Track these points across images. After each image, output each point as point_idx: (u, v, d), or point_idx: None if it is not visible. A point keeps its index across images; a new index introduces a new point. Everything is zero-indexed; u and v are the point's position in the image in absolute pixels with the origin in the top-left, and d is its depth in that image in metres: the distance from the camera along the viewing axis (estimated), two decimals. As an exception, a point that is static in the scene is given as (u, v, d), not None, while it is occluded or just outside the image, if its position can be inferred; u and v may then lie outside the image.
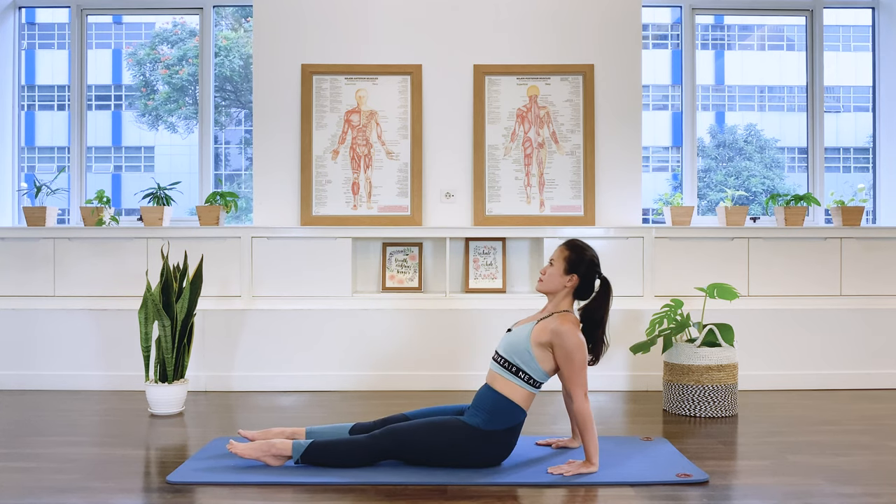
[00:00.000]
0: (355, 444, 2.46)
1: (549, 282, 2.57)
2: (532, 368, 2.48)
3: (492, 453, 2.47)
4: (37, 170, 4.97)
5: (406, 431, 2.45)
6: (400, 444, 2.45)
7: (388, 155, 4.23)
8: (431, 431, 2.45)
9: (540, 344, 2.48)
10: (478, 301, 4.02)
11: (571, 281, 2.55)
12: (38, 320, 3.97)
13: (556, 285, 2.57)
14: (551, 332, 2.47)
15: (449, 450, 2.44)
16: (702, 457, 2.67)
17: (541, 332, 2.49)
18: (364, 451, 2.45)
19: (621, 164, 4.26)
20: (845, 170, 5.25)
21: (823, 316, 4.02)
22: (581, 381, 2.45)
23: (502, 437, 2.46)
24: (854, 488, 2.32)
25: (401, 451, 2.46)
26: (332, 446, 2.47)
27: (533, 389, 2.50)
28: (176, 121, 5.12)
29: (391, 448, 2.45)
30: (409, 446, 2.45)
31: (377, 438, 2.46)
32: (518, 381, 2.48)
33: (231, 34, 5.03)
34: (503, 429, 2.46)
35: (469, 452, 2.44)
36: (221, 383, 3.93)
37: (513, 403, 2.47)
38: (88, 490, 2.30)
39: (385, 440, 2.45)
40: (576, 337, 2.46)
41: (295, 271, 4.00)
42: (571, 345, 2.45)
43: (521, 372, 2.48)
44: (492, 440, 2.45)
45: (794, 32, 5.38)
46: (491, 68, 4.24)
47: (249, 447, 2.50)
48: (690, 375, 3.37)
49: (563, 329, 2.46)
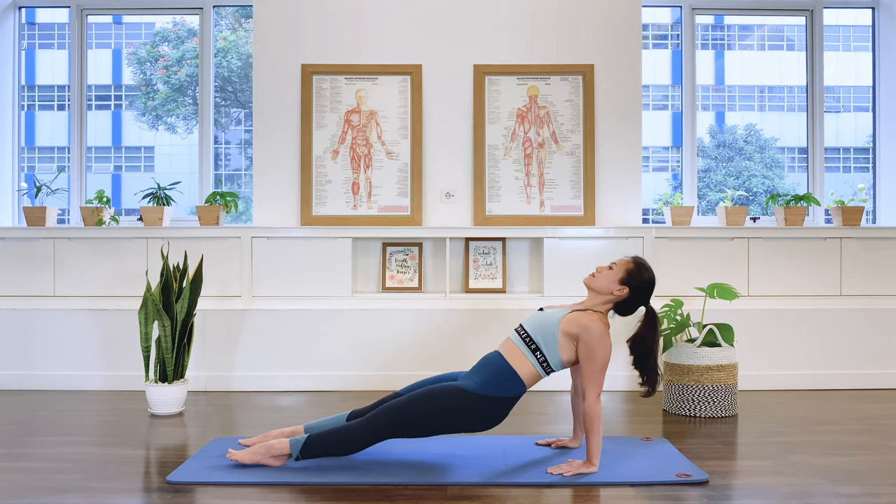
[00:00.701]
0: (352, 429, 2.46)
1: (601, 280, 2.57)
2: (551, 352, 2.48)
3: (483, 418, 2.46)
4: (37, 170, 4.97)
5: (400, 407, 2.45)
6: (396, 420, 2.43)
7: (388, 155, 4.23)
8: (426, 401, 2.44)
9: (567, 334, 2.48)
10: (478, 301, 4.02)
11: (621, 291, 2.55)
12: (38, 320, 3.97)
13: (605, 287, 2.56)
14: (582, 326, 2.46)
15: (444, 416, 2.43)
16: (702, 457, 2.67)
17: (571, 322, 2.49)
18: (362, 435, 2.44)
19: (621, 164, 4.26)
20: (845, 170, 5.25)
21: (823, 316, 4.02)
22: (598, 382, 2.44)
23: (495, 404, 2.46)
24: (854, 488, 2.32)
25: (398, 427, 2.44)
26: (330, 436, 2.46)
27: (542, 372, 2.51)
28: (176, 121, 5.12)
29: (388, 426, 2.44)
30: (405, 420, 2.43)
31: (373, 420, 2.45)
32: (532, 360, 2.49)
33: (230, 35, 5.03)
34: (499, 396, 2.45)
35: (463, 416, 2.44)
36: (221, 383, 3.93)
37: (517, 376, 2.47)
38: (88, 490, 2.30)
39: (381, 419, 2.44)
40: (604, 338, 2.46)
41: (295, 271, 4.00)
42: (598, 344, 2.44)
43: (539, 352, 2.49)
44: (484, 405, 2.44)
45: (794, 32, 5.38)
46: (491, 68, 4.24)
47: (249, 452, 2.49)
48: (690, 375, 3.37)
49: (594, 327, 2.46)
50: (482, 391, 2.45)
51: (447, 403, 2.43)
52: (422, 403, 2.44)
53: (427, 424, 2.44)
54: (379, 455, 2.62)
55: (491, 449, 2.72)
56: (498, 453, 2.67)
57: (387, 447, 2.71)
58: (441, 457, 2.62)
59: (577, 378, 2.68)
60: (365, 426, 2.45)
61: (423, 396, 2.45)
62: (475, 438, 2.89)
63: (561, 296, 3.96)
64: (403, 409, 2.44)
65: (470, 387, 2.46)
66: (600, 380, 2.45)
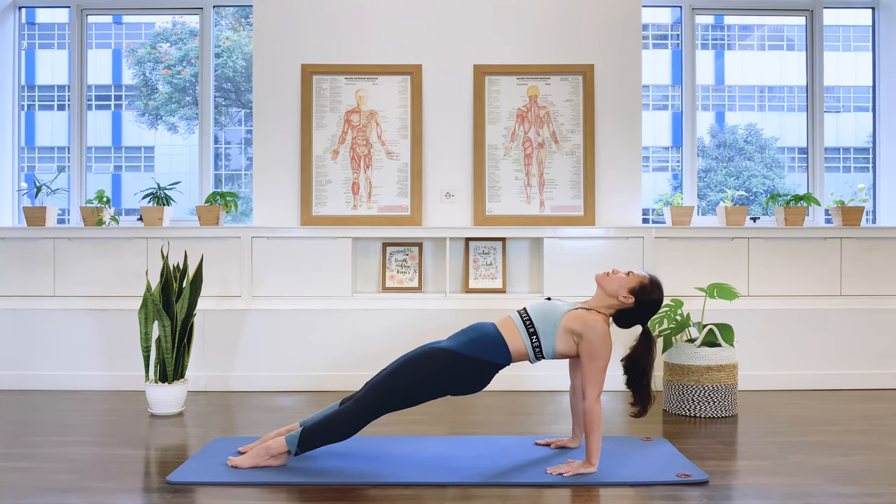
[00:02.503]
0: (343, 413, 2.46)
1: (613, 281, 2.56)
2: (547, 341, 2.49)
3: (466, 380, 2.47)
4: (37, 170, 4.97)
5: (384, 380, 2.45)
6: (384, 395, 2.44)
7: (388, 155, 4.23)
8: (409, 367, 2.45)
9: (569, 329, 2.48)
10: (478, 301, 4.02)
11: (627, 299, 2.54)
12: (38, 320, 3.97)
13: (615, 290, 2.55)
14: (586, 325, 2.46)
15: (428, 378, 2.44)
16: (702, 457, 2.67)
17: (575, 319, 2.48)
18: (354, 416, 2.44)
19: (621, 164, 4.26)
20: (845, 170, 5.25)
21: (824, 316, 4.02)
22: (598, 381, 2.44)
23: (477, 366, 2.46)
24: (854, 488, 2.32)
25: (387, 402, 2.44)
26: (323, 425, 2.46)
27: (532, 356, 2.51)
28: (176, 121, 5.12)
29: (377, 403, 2.44)
30: (392, 392, 2.44)
31: (361, 400, 2.46)
32: (526, 341, 2.49)
33: (232, 35, 5.03)
34: (481, 358, 2.46)
35: (445, 376, 2.44)
36: (221, 383, 3.93)
37: (505, 345, 2.48)
38: (88, 490, 2.30)
39: (369, 397, 2.45)
40: (607, 338, 2.46)
41: (295, 271, 4.01)
42: (600, 344, 2.44)
43: (535, 336, 2.49)
44: (467, 365, 2.45)
45: (794, 32, 5.38)
46: (491, 68, 4.24)
47: (247, 457, 2.49)
48: (690, 375, 3.37)
49: (598, 326, 2.46)
50: (465, 351, 2.46)
51: (430, 364, 2.44)
52: (405, 371, 2.45)
53: (413, 391, 2.44)
54: (379, 454, 2.62)
55: (491, 449, 2.72)
56: (498, 453, 2.67)
57: (386, 446, 2.71)
58: (441, 457, 2.62)
59: (577, 378, 2.68)
60: (355, 407, 2.45)
61: (405, 364, 2.47)
62: (475, 438, 2.89)
63: (561, 296, 3.95)
64: (388, 381, 2.45)
65: (451, 346, 2.47)
66: (601, 379, 2.45)
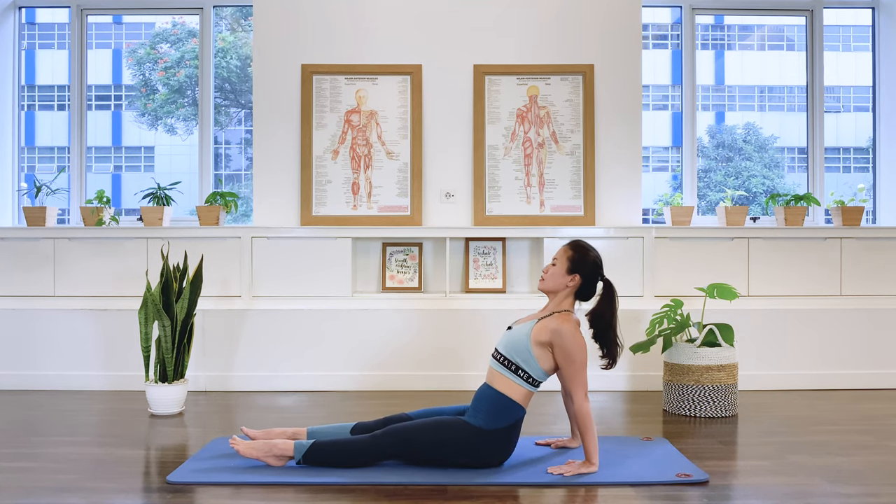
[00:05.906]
0: (357, 444, 2.46)
1: (550, 280, 2.57)
2: (531, 367, 2.48)
3: (493, 453, 2.47)
4: (37, 170, 4.97)
5: (408, 430, 2.46)
6: (402, 444, 2.45)
7: (388, 155, 4.23)
8: (433, 430, 2.45)
9: (540, 343, 2.48)
10: (478, 301, 4.02)
11: (573, 281, 2.55)
12: (38, 320, 3.97)
13: (557, 285, 2.56)
14: (551, 331, 2.47)
15: (451, 449, 2.44)
16: (702, 457, 2.67)
17: (541, 331, 2.49)
18: (366, 451, 2.45)
19: (621, 164, 4.26)
20: (845, 170, 5.25)
21: (823, 316, 4.02)
22: (581, 381, 2.45)
23: (502, 436, 2.46)
24: (854, 488, 2.32)
25: (403, 451, 2.46)
26: (334, 446, 2.46)
27: (531, 388, 2.50)
28: (175, 122, 5.13)
29: (393, 448, 2.45)
30: (411, 445, 2.45)
31: (379, 438, 2.46)
32: (517, 380, 2.48)
33: (228, 36, 5.03)
34: (503, 426, 2.46)
35: (470, 451, 2.44)
36: (221, 383, 3.93)
37: (512, 401, 2.47)
38: (88, 490, 2.30)
39: (387, 440, 2.45)
40: (576, 337, 2.46)
41: (295, 271, 4.01)
42: (571, 345, 2.45)
43: (521, 370, 2.48)
44: (493, 439, 2.45)
45: (794, 32, 5.38)
46: (491, 68, 4.24)
47: (251, 446, 2.50)
48: (690, 375, 3.37)
49: (564, 329, 2.46)
50: (486, 426, 2.45)
51: (451, 435, 2.44)
52: (427, 431, 2.45)
53: (429, 453, 2.45)
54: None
55: (491, 449, 2.72)
56: (498, 453, 2.66)
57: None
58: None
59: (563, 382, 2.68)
60: (370, 444, 2.46)
61: (430, 425, 2.46)
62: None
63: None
64: (409, 433, 2.45)
65: (474, 422, 2.46)
66: (583, 378, 2.45)
